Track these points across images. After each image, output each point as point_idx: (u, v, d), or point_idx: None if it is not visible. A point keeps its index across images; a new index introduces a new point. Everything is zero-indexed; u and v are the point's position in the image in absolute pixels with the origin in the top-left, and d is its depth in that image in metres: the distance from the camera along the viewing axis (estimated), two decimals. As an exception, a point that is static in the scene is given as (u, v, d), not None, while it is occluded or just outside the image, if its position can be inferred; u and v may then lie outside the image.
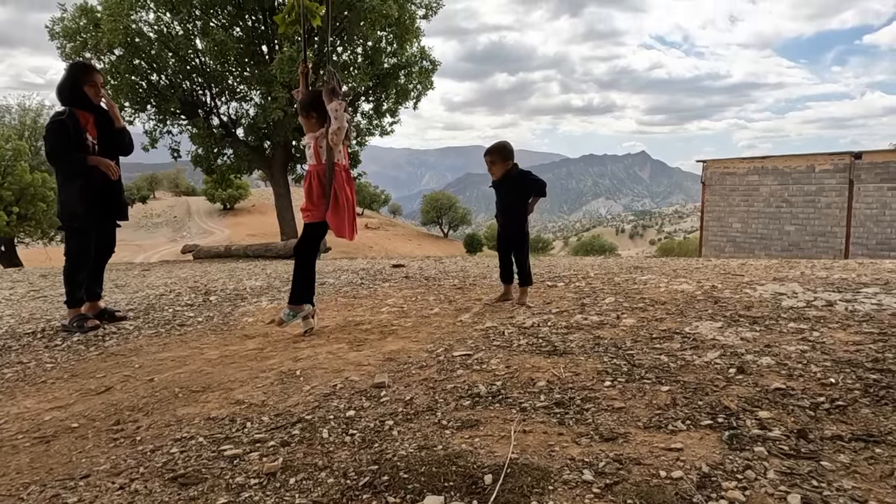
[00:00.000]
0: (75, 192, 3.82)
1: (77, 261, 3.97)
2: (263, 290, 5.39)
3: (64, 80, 3.91)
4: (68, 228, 3.95)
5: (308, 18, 4.33)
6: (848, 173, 15.22)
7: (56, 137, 3.76)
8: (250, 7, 16.50)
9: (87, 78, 3.89)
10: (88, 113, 3.89)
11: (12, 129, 21.02)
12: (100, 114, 3.97)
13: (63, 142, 3.75)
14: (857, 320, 2.92)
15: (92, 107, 3.92)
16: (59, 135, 3.76)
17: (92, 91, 3.89)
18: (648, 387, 2.15)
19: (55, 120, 3.80)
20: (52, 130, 3.78)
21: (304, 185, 3.48)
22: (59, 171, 3.92)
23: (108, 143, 3.99)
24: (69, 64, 4.30)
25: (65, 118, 3.77)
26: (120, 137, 4.06)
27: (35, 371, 3.03)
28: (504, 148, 3.95)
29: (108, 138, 3.99)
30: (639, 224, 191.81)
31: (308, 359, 2.89)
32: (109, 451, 1.95)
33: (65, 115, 3.80)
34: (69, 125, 3.76)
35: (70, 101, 3.86)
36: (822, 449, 1.61)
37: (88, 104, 3.90)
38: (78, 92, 3.86)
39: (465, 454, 1.68)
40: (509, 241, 4.05)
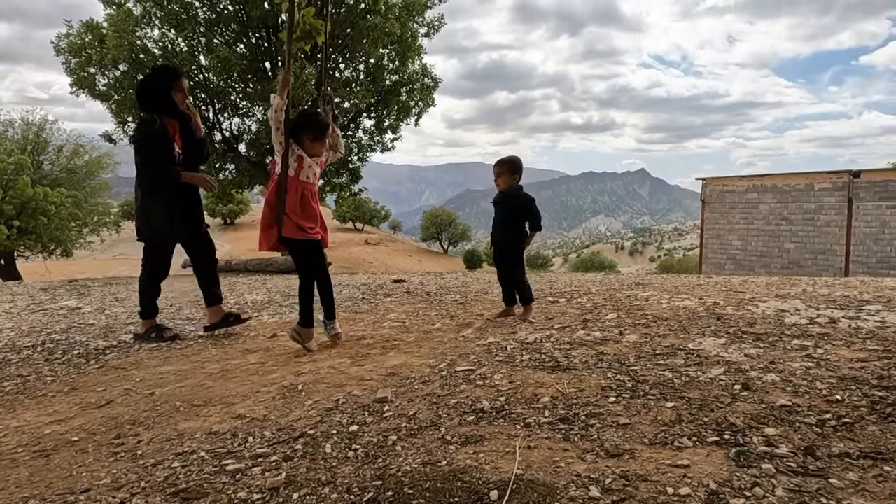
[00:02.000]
0: (160, 208, 3.70)
1: (155, 274, 3.91)
2: (264, 304, 5.38)
3: (149, 85, 3.73)
4: (149, 241, 3.84)
5: (312, 35, 4.38)
6: (847, 191, 15.28)
7: (146, 148, 3.59)
8: (254, 24, 16.69)
9: (175, 83, 3.71)
10: (173, 120, 3.71)
11: (15, 143, 21.11)
12: (183, 122, 3.81)
13: (153, 152, 3.58)
14: (860, 337, 2.91)
15: (177, 114, 3.75)
16: (149, 145, 3.58)
17: (179, 97, 3.72)
18: (653, 403, 2.13)
19: (149, 129, 3.60)
20: (149, 139, 3.61)
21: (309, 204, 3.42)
22: (146, 182, 3.72)
23: (190, 152, 3.85)
24: (154, 67, 4.14)
25: (157, 130, 3.59)
26: (200, 147, 3.94)
27: (35, 384, 3.02)
28: (513, 161, 4.00)
29: (189, 147, 3.84)
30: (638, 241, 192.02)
31: (310, 373, 2.87)
32: (110, 465, 1.93)
33: (156, 123, 3.61)
34: (160, 136, 3.58)
35: (155, 108, 3.67)
36: (830, 466, 1.59)
37: (174, 111, 3.72)
38: (165, 98, 3.68)
39: (469, 470, 1.67)
40: (502, 262, 4.07)
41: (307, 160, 3.38)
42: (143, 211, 3.81)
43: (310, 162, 3.40)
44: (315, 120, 3.43)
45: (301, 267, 3.52)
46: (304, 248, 3.43)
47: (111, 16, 15.73)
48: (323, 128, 3.41)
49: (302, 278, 3.52)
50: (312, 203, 3.41)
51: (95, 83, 16.63)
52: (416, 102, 18.73)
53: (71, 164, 22.77)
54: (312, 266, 3.51)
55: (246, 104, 18.00)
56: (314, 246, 3.46)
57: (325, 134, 3.43)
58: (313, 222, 3.41)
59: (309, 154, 3.38)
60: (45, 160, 22.71)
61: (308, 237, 3.39)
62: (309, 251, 3.46)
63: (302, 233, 3.36)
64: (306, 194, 3.37)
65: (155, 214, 3.76)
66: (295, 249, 3.43)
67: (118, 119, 17.05)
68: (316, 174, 3.45)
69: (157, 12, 15.82)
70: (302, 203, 3.35)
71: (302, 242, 3.39)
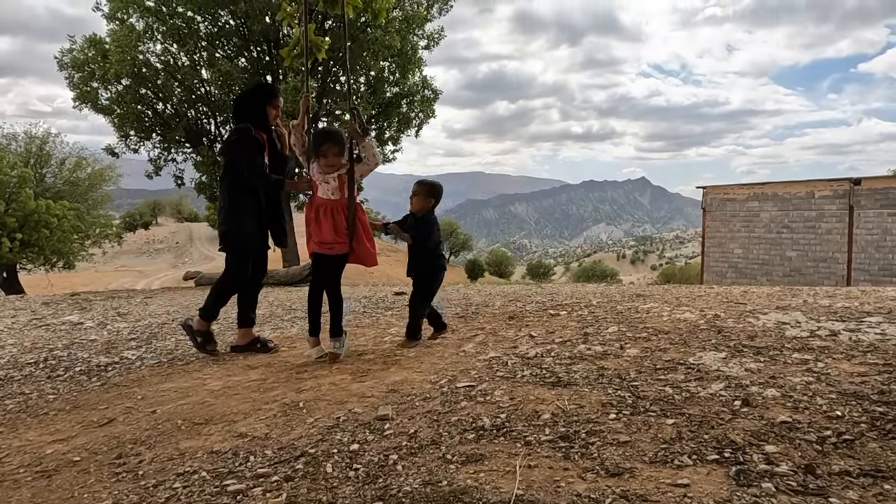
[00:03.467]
0: (248, 212, 3.76)
1: (236, 281, 3.91)
2: (266, 318, 5.39)
3: (249, 97, 3.93)
4: (235, 248, 3.85)
5: (313, 51, 4.43)
6: (848, 199, 15.29)
7: (246, 153, 3.69)
8: (255, 39, 16.84)
9: (273, 100, 3.89)
10: (263, 133, 3.84)
11: (18, 156, 21.23)
12: (270, 136, 3.91)
13: (252, 158, 3.69)
14: (861, 350, 2.91)
15: (267, 127, 3.88)
16: (249, 150, 3.69)
17: (273, 113, 3.88)
18: (653, 420, 2.14)
19: (249, 136, 3.71)
20: (247, 146, 3.71)
21: (323, 218, 3.53)
22: (235, 186, 3.77)
23: (276, 165, 3.95)
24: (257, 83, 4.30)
25: (251, 136, 3.70)
26: (284, 163, 4.02)
27: (37, 402, 3.02)
28: (434, 186, 3.92)
29: (275, 161, 3.94)
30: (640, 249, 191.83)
31: (311, 390, 2.88)
32: (111, 485, 1.94)
33: (251, 132, 3.72)
34: (254, 144, 3.70)
35: (249, 118, 3.79)
36: (830, 485, 1.60)
37: (264, 124, 3.85)
38: (261, 111, 3.83)
39: (470, 490, 1.67)
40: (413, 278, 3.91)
41: (318, 178, 3.55)
42: (232, 215, 3.81)
43: (324, 179, 3.54)
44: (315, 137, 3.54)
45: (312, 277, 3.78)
46: (314, 260, 3.69)
47: (114, 31, 15.89)
48: (343, 141, 3.53)
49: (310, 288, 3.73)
50: (325, 219, 3.53)
51: (98, 97, 16.76)
52: (417, 114, 18.84)
53: (73, 177, 22.88)
54: (319, 277, 3.70)
55: (247, 117, 18.11)
56: (323, 259, 3.64)
57: (323, 149, 3.49)
58: (325, 237, 3.55)
59: (323, 171, 3.54)
60: (47, 173, 22.82)
61: (317, 251, 3.61)
62: (317, 263, 3.68)
63: (315, 246, 3.62)
64: (320, 211, 3.54)
65: (243, 218, 3.78)
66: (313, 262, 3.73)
67: (120, 132, 17.17)
68: (334, 189, 3.55)
69: (159, 27, 15.98)
70: (317, 221, 3.55)
71: (313, 255, 3.66)
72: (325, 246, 3.57)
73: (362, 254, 3.64)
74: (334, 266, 3.66)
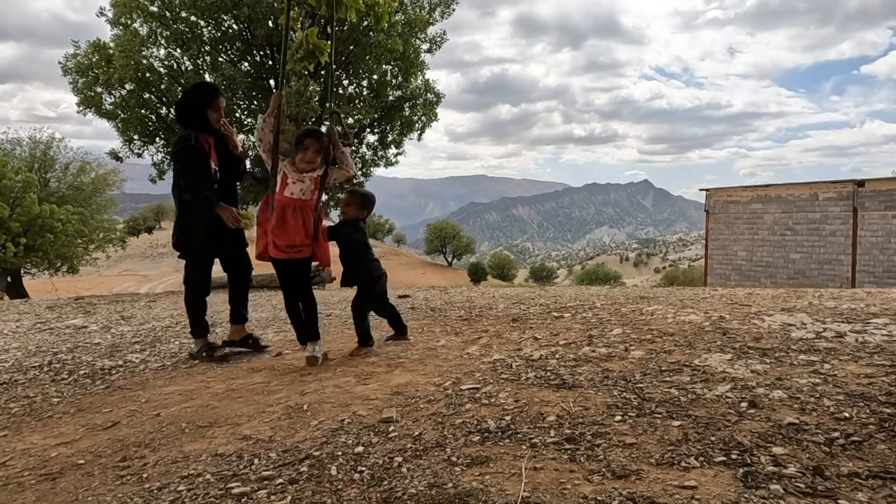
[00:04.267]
0: (200, 220, 3.73)
1: (197, 290, 3.92)
2: (269, 321, 5.38)
3: (187, 101, 3.83)
4: (190, 257, 3.87)
5: (315, 55, 4.43)
6: (851, 201, 15.24)
7: (191, 169, 3.68)
8: (258, 43, 16.89)
9: (213, 102, 3.79)
10: (209, 136, 3.79)
11: (22, 161, 21.34)
12: (218, 138, 3.86)
13: (197, 175, 3.66)
14: (868, 352, 2.89)
15: (211, 130, 3.81)
16: (194, 166, 3.67)
17: (214, 115, 3.79)
18: (659, 421, 2.12)
19: (186, 148, 3.67)
20: (185, 161, 3.70)
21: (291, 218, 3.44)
22: (182, 197, 3.77)
23: (226, 169, 3.92)
24: (193, 85, 4.27)
25: (194, 146, 3.66)
26: (236, 163, 3.99)
27: (41, 405, 3.02)
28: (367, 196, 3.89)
29: (224, 162, 3.90)
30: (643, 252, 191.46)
31: (315, 392, 2.87)
32: (116, 488, 1.93)
33: (192, 140, 3.67)
34: (198, 155, 3.67)
35: (191, 124, 3.74)
36: (839, 486, 1.58)
37: (208, 127, 3.78)
38: (201, 115, 3.75)
39: (476, 493, 1.66)
40: None
41: (292, 176, 3.43)
42: (182, 225, 3.83)
43: (297, 178, 3.44)
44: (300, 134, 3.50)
45: (282, 285, 3.66)
46: (279, 267, 3.55)
47: (118, 36, 15.95)
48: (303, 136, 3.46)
49: (285, 296, 3.67)
50: (293, 220, 3.43)
51: (102, 102, 16.82)
52: (420, 117, 18.85)
53: (77, 182, 22.99)
54: (292, 284, 3.62)
55: (251, 121, 18.15)
56: (291, 265, 3.53)
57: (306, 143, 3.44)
58: (290, 240, 3.44)
59: (298, 169, 3.44)
60: (51, 178, 22.93)
61: (284, 256, 3.47)
62: (285, 270, 3.56)
63: (278, 252, 3.46)
64: (287, 210, 3.42)
65: (195, 227, 3.77)
66: (276, 268, 3.57)
67: (124, 137, 17.22)
68: (306, 189, 3.47)
69: (162, 32, 16.05)
70: (280, 220, 3.42)
71: (278, 262, 3.52)
72: (293, 249, 3.46)
73: (321, 253, 3.60)
74: (305, 270, 3.60)
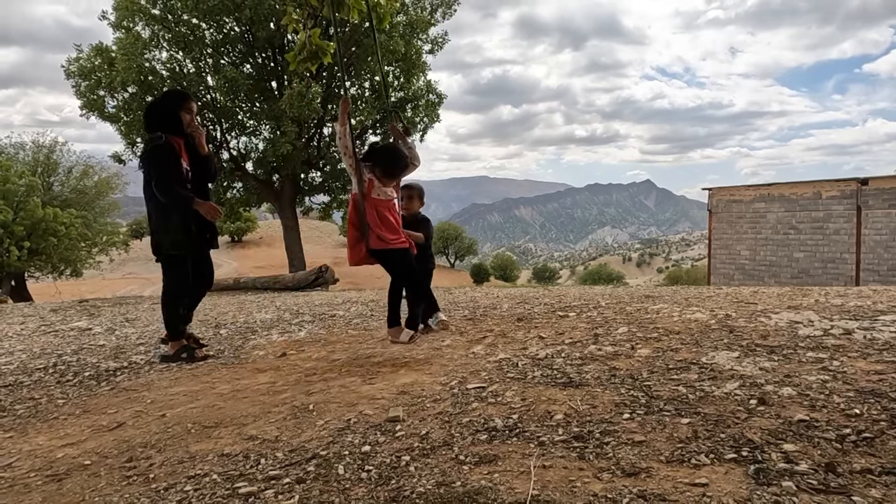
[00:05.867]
0: (178, 221, 3.78)
1: (177, 292, 3.96)
2: (274, 322, 5.38)
3: (158, 106, 3.91)
4: (167, 259, 3.90)
5: (318, 56, 4.43)
6: (855, 199, 15.19)
7: (164, 167, 3.73)
8: (260, 45, 16.93)
9: (184, 104, 3.87)
10: (179, 138, 3.86)
11: (26, 165, 21.41)
12: (188, 140, 3.93)
13: (169, 173, 3.72)
14: (876, 349, 2.87)
15: (182, 132, 3.88)
16: (167, 165, 3.73)
17: (187, 117, 3.85)
18: (668, 419, 2.11)
19: (158, 147, 3.75)
20: (158, 159, 3.74)
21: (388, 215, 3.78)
22: (157, 199, 3.80)
23: (199, 169, 3.98)
24: (165, 91, 4.39)
25: (163, 145, 3.73)
26: (206, 164, 4.04)
27: (47, 407, 3.02)
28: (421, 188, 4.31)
29: (196, 164, 3.97)
30: (646, 252, 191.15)
31: (321, 392, 2.86)
32: (122, 489, 1.93)
33: (163, 141, 3.75)
34: (169, 153, 3.73)
35: (161, 127, 3.80)
36: (851, 483, 1.56)
37: (179, 129, 3.85)
38: (172, 117, 3.82)
39: (484, 491, 1.65)
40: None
41: (377, 182, 3.73)
42: (159, 226, 3.86)
43: (380, 184, 3.74)
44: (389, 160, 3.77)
45: (392, 273, 3.93)
46: (392, 257, 3.81)
47: (120, 39, 16.01)
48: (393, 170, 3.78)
49: (393, 282, 3.96)
50: (389, 216, 3.76)
51: (105, 105, 16.88)
52: (422, 118, 18.87)
53: (80, 185, 23.05)
54: (402, 271, 3.90)
55: (253, 123, 18.19)
56: (401, 254, 3.82)
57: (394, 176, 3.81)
58: (395, 233, 3.77)
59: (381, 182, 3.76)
60: (55, 181, 23.00)
61: (392, 247, 3.76)
62: (395, 259, 3.82)
63: (384, 243, 3.74)
64: (381, 209, 3.73)
65: (173, 228, 3.80)
66: (383, 259, 3.82)
67: (127, 140, 17.27)
68: (388, 193, 3.80)
69: (165, 35, 16.10)
70: (380, 217, 3.71)
71: (388, 252, 3.79)
72: (398, 241, 3.78)
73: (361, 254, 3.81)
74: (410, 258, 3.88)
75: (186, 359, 3.83)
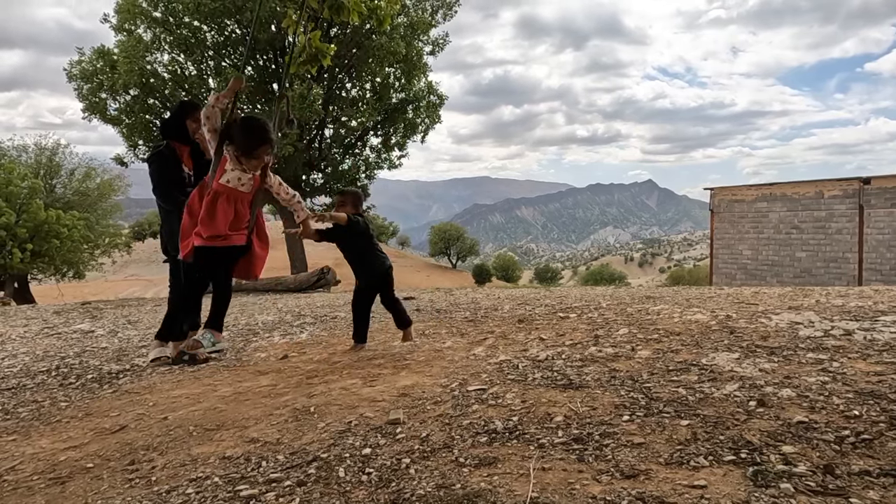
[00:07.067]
0: (177, 225, 3.85)
1: (181, 293, 4.03)
2: (275, 324, 5.40)
3: (170, 115, 4.14)
4: (173, 260, 4.02)
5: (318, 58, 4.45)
6: (857, 198, 15.17)
7: (159, 173, 3.90)
8: (261, 47, 16.95)
9: (192, 113, 4.03)
10: (184, 145, 4.02)
11: (28, 167, 21.48)
12: (194, 146, 4.06)
13: (164, 177, 3.88)
14: (877, 350, 2.88)
15: (188, 139, 4.03)
16: (161, 170, 3.89)
17: (194, 126, 3.99)
18: (668, 421, 2.11)
19: (158, 153, 3.97)
20: (157, 165, 3.93)
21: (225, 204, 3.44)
22: (159, 203, 4.01)
23: (202, 174, 4.02)
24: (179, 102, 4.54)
25: (164, 150, 3.95)
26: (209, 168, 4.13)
27: (50, 410, 3.03)
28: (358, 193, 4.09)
29: (203, 170, 4.02)
30: (648, 252, 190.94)
31: (322, 395, 2.87)
32: (125, 491, 1.94)
33: (163, 147, 3.98)
34: (168, 158, 3.90)
35: (169, 135, 4.03)
36: (850, 485, 1.57)
37: (185, 137, 4.02)
38: (180, 125, 4.02)
39: (484, 493, 1.66)
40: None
41: (233, 165, 3.37)
42: (163, 229, 4.05)
43: (241, 168, 3.40)
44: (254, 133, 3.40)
45: (187, 276, 3.55)
46: (203, 256, 3.45)
47: (122, 42, 16.06)
48: (258, 143, 3.40)
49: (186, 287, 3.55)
50: (229, 207, 3.38)
51: (107, 108, 16.92)
52: (423, 119, 18.89)
53: (83, 187, 23.10)
54: (208, 274, 3.54)
55: (254, 125, 18.21)
56: (217, 253, 3.45)
57: (258, 152, 3.41)
58: (221, 229, 3.39)
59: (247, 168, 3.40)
60: (57, 184, 23.05)
61: (207, 245, 3.40)
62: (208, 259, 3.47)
63: (202, 240, 3.37)
64: (219, 199, 3.35)
65: (172, 231, 3.91)
66: (196, 256, 3.47)
67: (129, 142, 17.32)
68: (247, 183, 3.45)
69: (166, 37, 16.14)
70: (211, 209, 3.34)
71: (203, 250, 3.42)
72: (218, 239, 3.41)
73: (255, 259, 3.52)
74: (230, 258, 3.51)
75: (188, 361, 3.85)
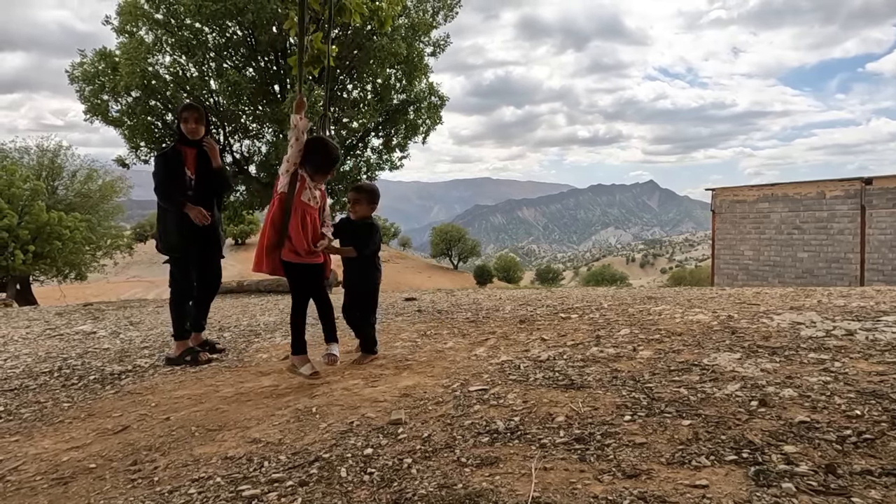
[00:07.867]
0: (172, 225, 3.95)
1: (179, 290, 4.10)
2: (277, 325, 5.40)
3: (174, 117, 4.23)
4: (170, 259, 4.07)
5: (321, 59, 4.45)
6: (859, 199, 15.15)
7: (161, 173, 3.95)
8: (263, 49, 16.97)
9: (182, 115, 4.05)
10: (190, 148, 3.99)
11: (30, 169, 21.51)
12: (201, 150, 4.02)
13: (161, 178, 3.93)
14: (878, 350, 2.87)
15: (194, 142, 3.99)
16: (159, 171, 3.96)
17: (185, 127, 3.96)
18: (669, 421, 2.11)
19: (160, 155, 4.06)
20: (157, 166, 4.00)
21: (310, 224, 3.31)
22: (160, 204, 4.03)
23: (206, 179, 4.04)
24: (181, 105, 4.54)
25: (167, 152, 4.01)
26: (217, 176, 4.09)
27: (52, 411, 3.04)
28: (374, 190, 3.71)
29: (207, 175, 4.03)
30: (649, 253, 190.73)
31: (323, 395, 2.87)
32: (127, 492, 1.94)
33: (166, 149, 4.06)
34: (170, 160, 3.94)
35: (175, 138, 4.13)
36: (851, 484, 1.57)
37: (187, 139, 3.99)
38: (177, 127, 4.09)
39: (486, 493, 1.66)
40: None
41: (309, 181, 3.26)
42: (159, 228, 4.11)
43: (311, 184, 3.29)
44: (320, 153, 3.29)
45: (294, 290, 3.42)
46: (298, 273, 3.34)
47: (123, 44, 16.07)
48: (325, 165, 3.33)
49: (295, 303, 3.41)
50: (310, 226, 3.29)
51: (108, 109, 16.94)
52: (424, 121, 18.87)
53: (85, 189, 23.13)
54: (310, 291, 3.41)
55: (256, 126, 18.24)
56: (310, 270, 3.35)
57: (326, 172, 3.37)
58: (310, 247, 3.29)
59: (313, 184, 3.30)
60: (59, 185, 23.08)
61: (304, 261, 3.29)
62: (302, 275, 3.35)
63: (297, 257, 3.26)
64: (306, 217, 3.26)
65: (168, 230, 3.99)
66: (289, 273, 3.34)
67: (131, 144, 17.33)
68: (317, 197, 3.35)
69: (168, 39, 16.15)
70: (302, 226, 3.24)
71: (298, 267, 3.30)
72: (312, 255, 3.31)
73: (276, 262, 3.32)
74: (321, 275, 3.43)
75: (190, 362, 3.87)
